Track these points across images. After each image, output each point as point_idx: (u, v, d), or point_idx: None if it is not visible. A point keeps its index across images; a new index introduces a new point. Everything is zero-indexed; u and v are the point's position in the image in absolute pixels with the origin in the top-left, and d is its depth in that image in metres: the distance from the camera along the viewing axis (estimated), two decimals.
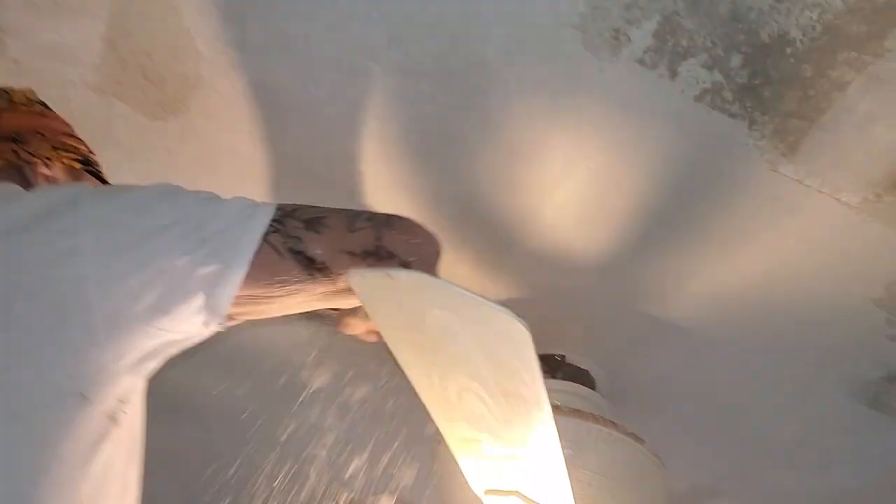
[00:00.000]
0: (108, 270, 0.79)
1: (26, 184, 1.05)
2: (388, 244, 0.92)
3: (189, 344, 0.88)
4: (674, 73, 1.16)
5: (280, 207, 0.88)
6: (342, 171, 1.39)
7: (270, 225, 0.86)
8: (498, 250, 1.49)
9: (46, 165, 1.08)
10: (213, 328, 0.86)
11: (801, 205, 1.31)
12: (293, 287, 0.87)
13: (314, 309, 0.94)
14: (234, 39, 1.24)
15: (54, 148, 1.10)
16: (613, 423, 1.51)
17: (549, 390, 1.65)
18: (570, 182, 1.34)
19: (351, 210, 0.93)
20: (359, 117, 1.29)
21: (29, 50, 1.31)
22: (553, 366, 1.72)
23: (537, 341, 1.63)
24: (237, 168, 1.43)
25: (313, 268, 0.87)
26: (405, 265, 0.92)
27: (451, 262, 1.52)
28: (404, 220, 0.97)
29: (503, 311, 0.83)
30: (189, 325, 0.84)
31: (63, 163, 1.10)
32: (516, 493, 1.29)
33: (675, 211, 1.36)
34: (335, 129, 1.32)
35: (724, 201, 1.33)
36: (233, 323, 0.88)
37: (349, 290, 0.90)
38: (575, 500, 1.47)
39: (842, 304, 1.47)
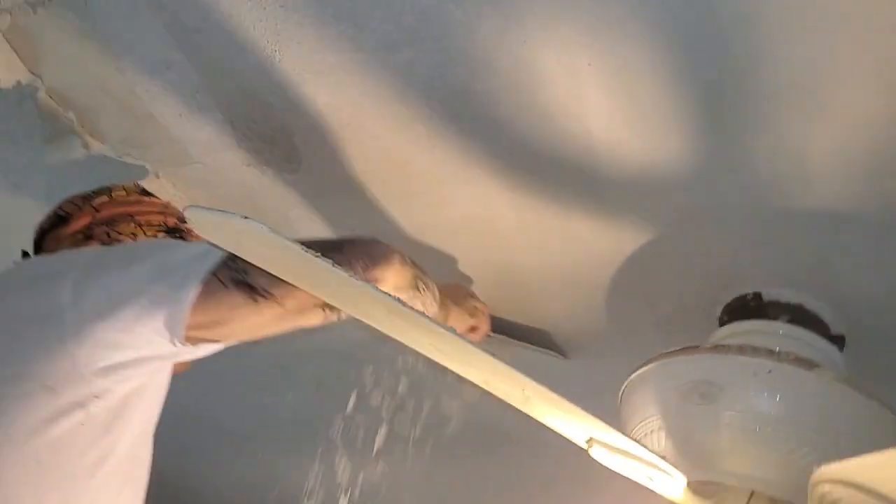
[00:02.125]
0: (80, 295, 1.02)
1: None
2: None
3: (167, 361, 1.09)
4: None
5: None
6: None
7: (223, 262, 1.01)
8: (576, 197, 1.37)
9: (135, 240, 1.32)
10: (180, 348, 1.03)
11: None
12: (241, 312, 1.01)
13: (280, 331, 1.06)
14: None
15: (139, 225, 1.33)
16: (769, 351, 1.22)
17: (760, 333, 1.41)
18: (589, 92, 1.20)
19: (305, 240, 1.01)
20: None
21: None
22: (763, 308, 1.44)
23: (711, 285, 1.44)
24: None
25: (256, 294, 0.99)
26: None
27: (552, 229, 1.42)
28: (357, 244, 1.10)
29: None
30: (150, 342, 1.02)
31: (147, 235, 1.33)
32: (590, 441, 1.16)
33: (719, 86, 1.12)
34: None
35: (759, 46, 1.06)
36: (199, 345, 1.05)
37: (302, 311, 1.03)
38: (711, 437, 1.24)
39: None
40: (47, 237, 1.34)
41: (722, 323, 1.49)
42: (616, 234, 1.42)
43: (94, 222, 1.32)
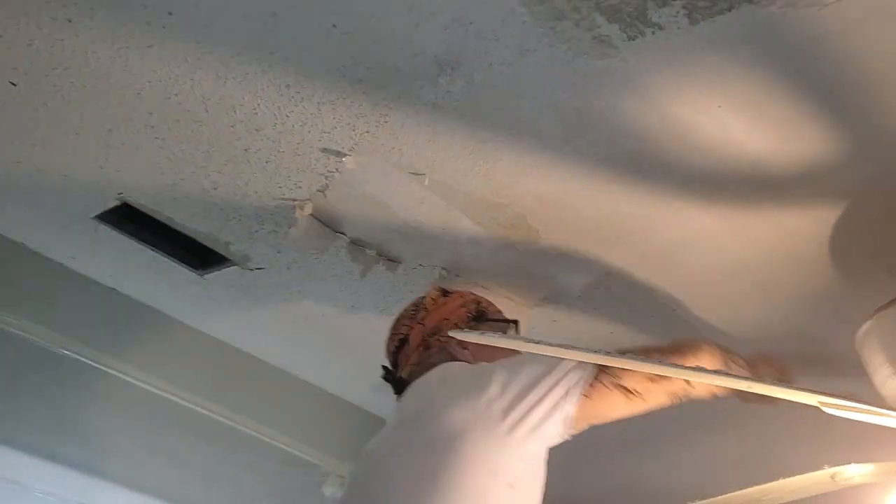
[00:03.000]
0: (505, 410, 1.39)
1: (453, 357, 1.63)
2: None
3: (554, 443, 1.42)
4: None
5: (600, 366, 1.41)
6: None
7: (600, 370, 1.39)
8: (762, 197, 1.58)
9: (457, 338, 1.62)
10: (566, 436, 1.40)
11: None
12: (617, 407, 1.40)
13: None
14: None
15: (454, 324, 1.69)
16: None
17: None
18: (730, 124, 1.44)
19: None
20: None
21: None
22: None
23: None
24: None
25: (629, 393, 1.39)
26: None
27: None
28: (678, 344, 1.48)
29: None
30: (551, 437, 1.40)
31: (460, 326, 1.68)
32: (820, 402, 1.38)
33: (829, 84, 1.32)
34: None
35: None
36: (577, 431, 1.40)
37: (657, 402, 1.41)
38: None
39: None
40: (399, 356, 1.73)
41: None
42: (814, 213, 1.62)
43: (425, 334, 1.70)
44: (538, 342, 1.29)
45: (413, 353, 1.70)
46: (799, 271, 1.77)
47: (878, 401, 1.45)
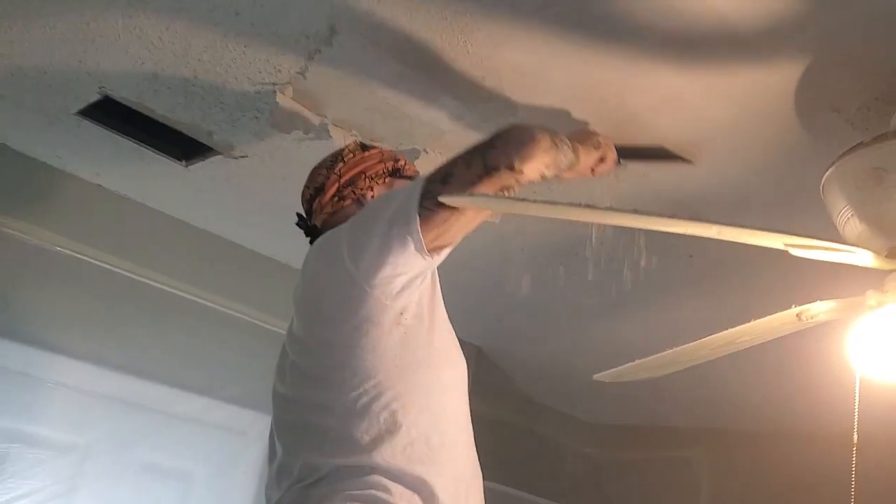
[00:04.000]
0: (356, 260, 1.47)
1: None
2: (492, 163, 1.45)
3: (428, 269, 1.50)
4: None
5: (427, 179, 1.45)
6: None
7: (422, 196, 1.42)
8: (733, 54, 1.64)
9: (372, 191, 1.72)
10: (430, 259, 1.45)
11: None
12: (449, 221, 1.43)
13: (476, 224, 1.50)
14: None
15: (369, 178, 1.73)
16: None
17: None
18: None
19: (466, 154, 1.48)
20: None
21: None
22: None
23: None
24: None
25: (450, 209, 1.41)
26: (510, 165, 1.45)
27: None
28: (503, 135, 1.49)
29: None
30: (412, 264, 1.45)
31: (377, 183, 1.73)
32: (786, 245, 1.48)
33: None
34: None
35: None
36: (440, 252, 1.47)
37: (479, 211, 1.47)
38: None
39: None
40: (314, 205, 1.76)
41: None
42: (780, 68, 1.68)
43: (340, 186, 1.73)
44: (523, 200, 1.37)
45: (328, 202, 1.73)
46: (767, 127, 1.85)
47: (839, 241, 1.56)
